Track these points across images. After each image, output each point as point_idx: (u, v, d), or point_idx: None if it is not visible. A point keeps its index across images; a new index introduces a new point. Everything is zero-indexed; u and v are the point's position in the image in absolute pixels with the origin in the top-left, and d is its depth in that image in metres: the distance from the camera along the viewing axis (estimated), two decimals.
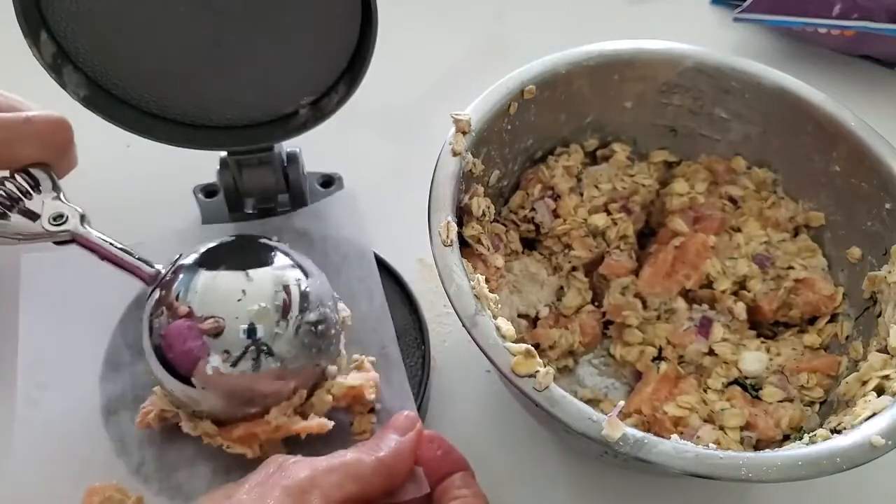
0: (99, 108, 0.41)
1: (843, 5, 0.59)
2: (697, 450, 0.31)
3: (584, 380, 0.45)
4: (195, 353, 0.34)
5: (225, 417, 0.37)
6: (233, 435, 0.37)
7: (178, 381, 0.35)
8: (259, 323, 0.35)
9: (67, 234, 0.38)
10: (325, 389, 0.38)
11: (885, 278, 0.40)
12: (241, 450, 0.37)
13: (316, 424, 0.37)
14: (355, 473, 0.31)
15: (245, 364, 0.35)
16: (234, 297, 0.35)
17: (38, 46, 0.37)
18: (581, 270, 0.46)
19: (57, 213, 0.38)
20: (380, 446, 0.33)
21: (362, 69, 0.40)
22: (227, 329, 0.35)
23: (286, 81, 0.42)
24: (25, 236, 0.38)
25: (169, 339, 0.35)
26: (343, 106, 0.42)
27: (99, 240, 0.38)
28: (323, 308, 0.38)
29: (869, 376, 0.37)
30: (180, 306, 0.35)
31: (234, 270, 0.36)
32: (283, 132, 0.44)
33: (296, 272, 0.37)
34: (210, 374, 0.34)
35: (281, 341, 0.35)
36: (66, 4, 0.36)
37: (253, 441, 0.37)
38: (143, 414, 0.38)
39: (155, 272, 0.38)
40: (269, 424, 0.36)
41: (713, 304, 0.44)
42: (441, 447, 0.34)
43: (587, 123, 0.48)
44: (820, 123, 0.44)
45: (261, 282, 0.36)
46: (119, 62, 0.39)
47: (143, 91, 0.41)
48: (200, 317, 0.35)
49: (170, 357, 0.35)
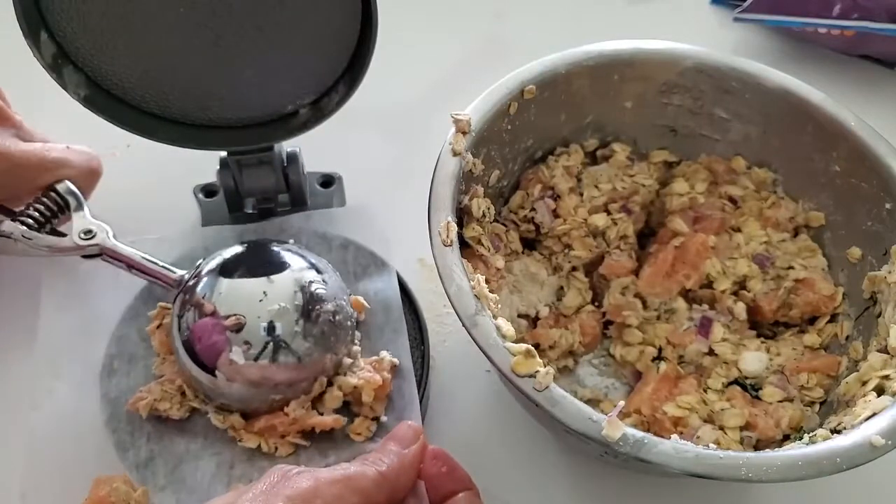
0: (99, 108, 0.41)
1: (843, 5, 0.59)
2: (697, 450, 0.31)
3: (584, 380, 0.45)
4: (219, 346, 0.38)
5: (247, 407, 0.39)
6: (254, 428, 0.39)
7: (204, 372, 0.38)
8: (278, 321, 0.38)
9: (96, 248, 0.42)
10: (336, 386, 0.40)
11: (885, 278, 0.40)
12: (255, 442, 0.39)
13: (331, 420, 0.39)
14: (357, 486, 0.31)
15: (265, 357, 0.38)
16: (257, 297, 0.38)
17: (38, 46, 0.37)
18: (581, 270, 0.46)
19: (86, 228, 0.42)
20: (382, 459, 0.33)
21: (362, 69, 0.40)
22: (248, 326, 0.38)
23: (286, 81, 0.42)
24: (56, 250, 0.42)
25: (196, 334, 0.38)
26: (343, 106, 0.42)
27: (126, 251, 0.42)
28: (338, 301, 0.40)
29: (869, 376, 0.37)
30: (206, 304, 0.38)
31: (257, 276, 0.39)
32: (283, 132, 0.44)
33: (311, 273, 0.40)
34: (232, 364, 0.37)
35: (298, 338, 0.38)
36: (66, 4, 0.36)
37: (272, 433, 0.39)
38: (136, 398, 0.39)
39: (179, 277, 0.41)
40: (287, 417, 0.38)
41: (713, 304, 0.44)
42: (446, 464, 0.34)
43: (587, 123, 0.48)
44: (820, 123, 0.44)
45: (281, 284, 0.39)
46: (119, 62, 0.39)
47: (143, 91, 0.41)
48: (225, 315, 0.38)
49: (197, 349, 0.38)
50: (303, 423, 0.38)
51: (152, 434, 0.39)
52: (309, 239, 0.46)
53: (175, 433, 0.39)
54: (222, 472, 0.38)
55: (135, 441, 0.39)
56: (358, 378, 0.39)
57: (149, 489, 0.37)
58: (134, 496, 0.37)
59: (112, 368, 0.41)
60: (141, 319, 0.43)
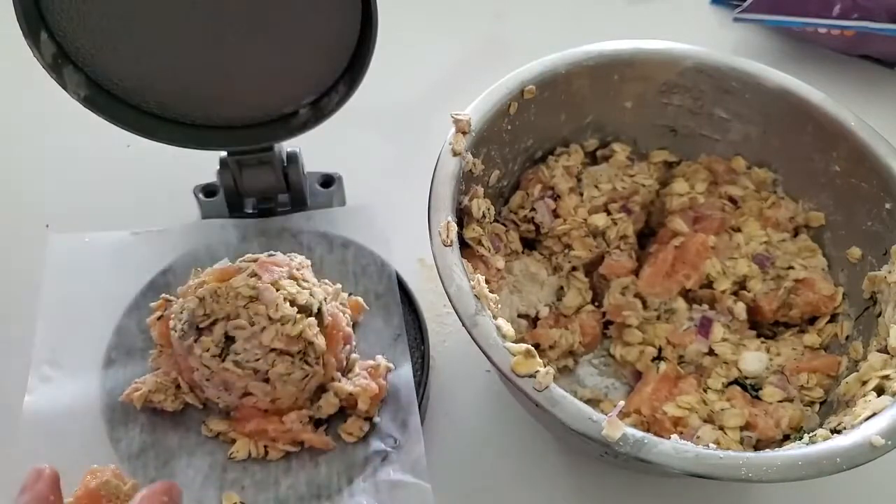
0: (99, 108, 0.41)
1: (843, 5, 0.59)
2: (697, 450, 0.31)
3: (584, 380, 0.45)
4: None
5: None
6: (245, 429, 0.39)
7: None
8: None
9: None
10: (332, 392, 0.39)
11: (885, 278, 0.40)
12: (245, 446, 0.38)
13: (319, 441, 0.39)
14: None
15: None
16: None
17: (38, 46, 0.37)
18: (581, 270, 0.46)
19: None
20: None
21: (362, 69, 0.40)
22: None
23: (286, 81, 0.42)
24: None
25: None
26: (343, 106, 0.42)
27: None
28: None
29: (869, 376, 0.37)
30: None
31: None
32: (284, 132, 0.44)
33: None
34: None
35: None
36: (66, 4, 0.36)
37: (262, 437, 0.39)
38: (131, 389, 0.39)
39: None
40: (282, 425, 0.38)
41: (713, 304, 0.44)
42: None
43: (587, 123, 0.48)
44: (820, 123, 0.43)
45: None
46: (119, 62, 0.39)
47: (144, 91, 0.41)
48: None
49: None
50: (295, 435, 0.39)
51: (146, 425, 0.39)
52: (310, 239, 0.46)
53: (169, 426, 0.39)
54: (214, 475, 0.38)
55: (128, 431, 0.39)
56: (354, 385, 0.39)
57: (139, 482, 0.37)
58: (124, 490, 0.36)
59: (110, 359, 0.41)
60: (143, 311, 0.43)
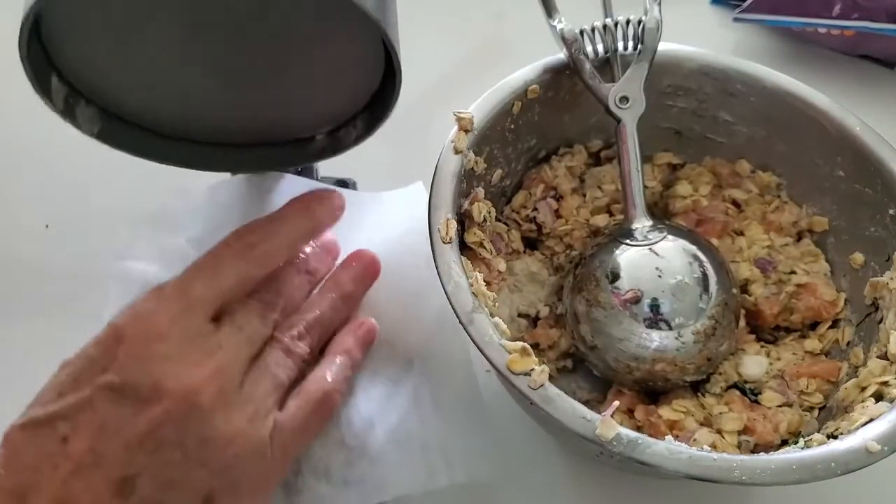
0: (113, 141, 0.38)
1: (843, 5, 0.59)
2: (691, 451, 0.31)
3: (583, 380, 0.45)
4: None
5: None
6: None
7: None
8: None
9: None
10: None
11: (888, 284, 0.40)
12: None
13: None
14: None
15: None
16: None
17: (49, 96, 0.35)
18: None
19: None
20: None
21: (383, 115, 0.38)
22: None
23: (304, 110, 0.39)
24: None
25: None
26: (362, 143, 0.40)
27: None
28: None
29: (868, 382, 0.37)
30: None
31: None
32: (301, 156, 0.42)
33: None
34: None
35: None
36: (76, 51, 0.34)
37: None
38: None
39: None
40: None
41: None
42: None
43: (591, 124, 0.48)
44: (825, 128, 0.43)
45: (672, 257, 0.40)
46: (134, 95, 0.37)
47: (158, 116, 0.39)
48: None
49: None
50: None
51: None
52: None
53: None
54: None
55: None
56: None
57: None
58: None
59: None
60: None
